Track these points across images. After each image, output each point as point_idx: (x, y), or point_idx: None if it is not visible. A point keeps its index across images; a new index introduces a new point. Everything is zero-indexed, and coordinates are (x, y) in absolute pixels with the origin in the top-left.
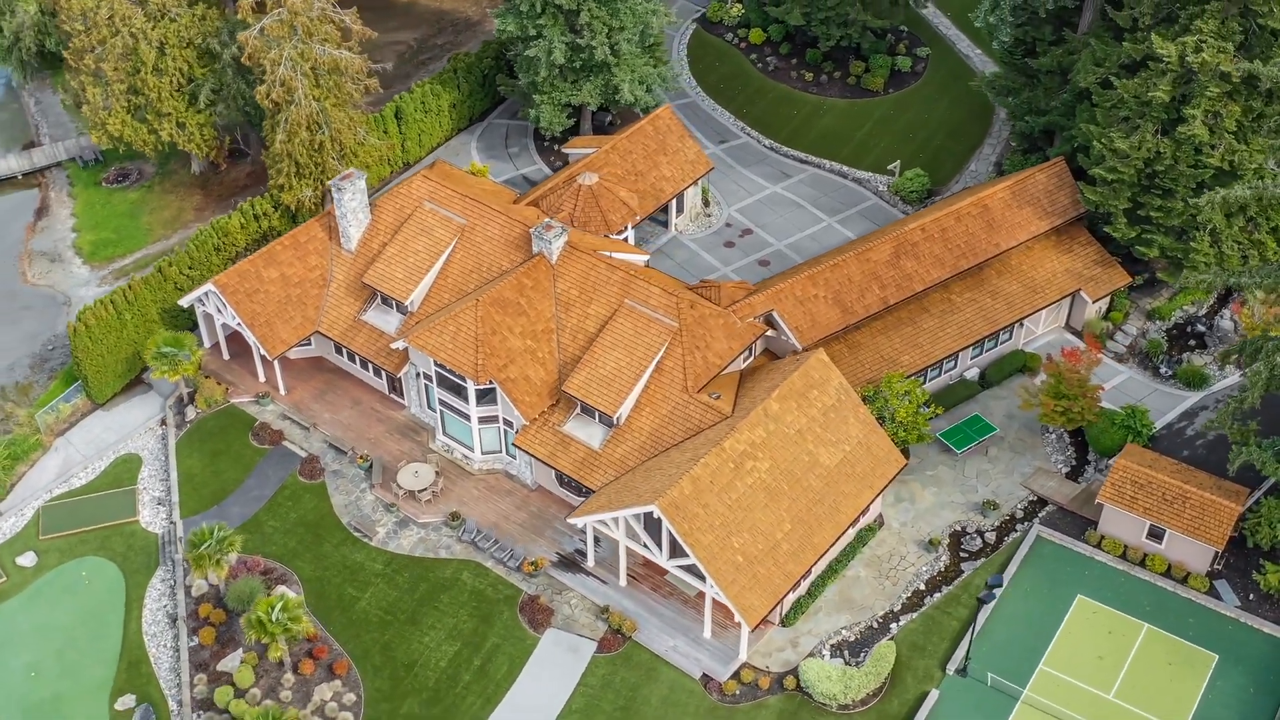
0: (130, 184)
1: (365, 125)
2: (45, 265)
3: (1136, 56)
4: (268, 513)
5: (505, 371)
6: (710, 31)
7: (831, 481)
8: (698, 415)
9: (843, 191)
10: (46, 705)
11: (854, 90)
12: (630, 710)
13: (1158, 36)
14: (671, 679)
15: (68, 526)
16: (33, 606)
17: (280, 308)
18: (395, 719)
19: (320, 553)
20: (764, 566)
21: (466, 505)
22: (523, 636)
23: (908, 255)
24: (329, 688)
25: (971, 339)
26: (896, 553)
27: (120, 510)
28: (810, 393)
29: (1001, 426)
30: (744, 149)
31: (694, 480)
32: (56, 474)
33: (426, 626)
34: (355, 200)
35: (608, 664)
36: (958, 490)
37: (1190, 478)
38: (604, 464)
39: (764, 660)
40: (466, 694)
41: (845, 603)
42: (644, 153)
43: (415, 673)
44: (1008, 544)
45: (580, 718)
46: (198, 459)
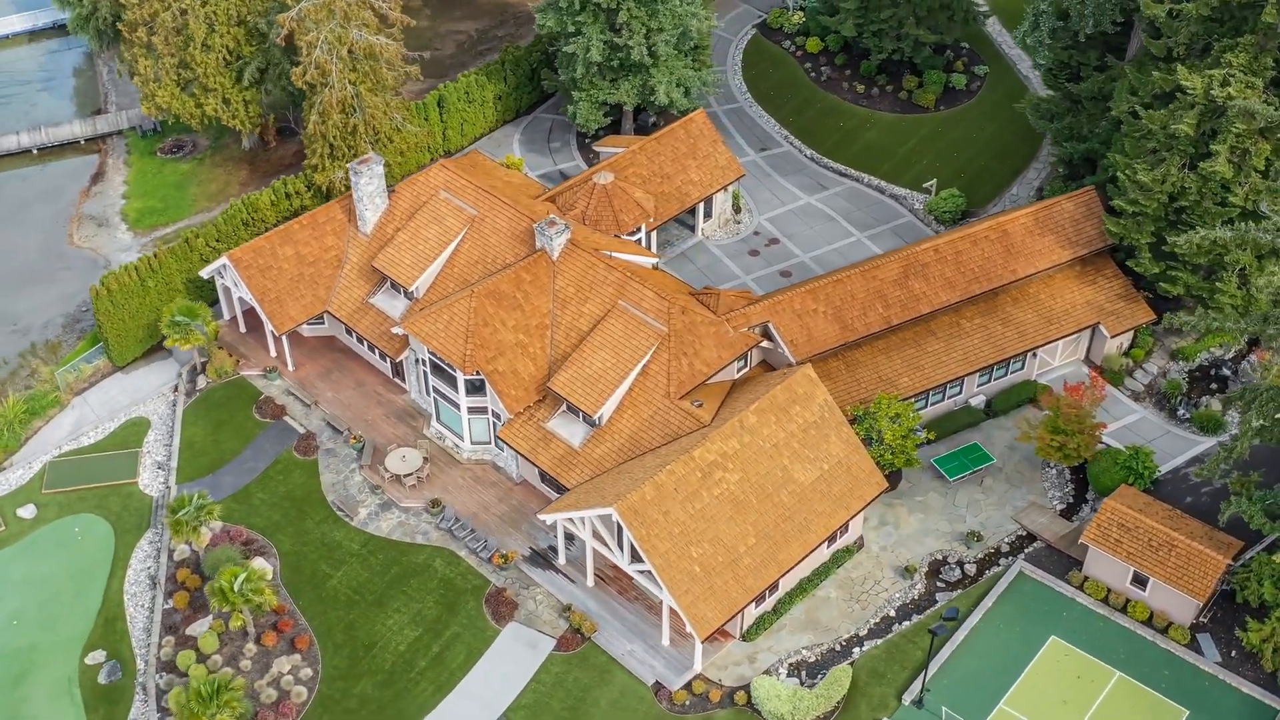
0: (184, 155)
1: (403, 112)
2: (92, 229)
3: (1167, 88)
4: (258, 485)
5: (493, 364)
6: (769, 38)
7: (804, 499)
8: (677, 422)
9: (878, 207)
10: (22, 654)
11: (904, 105)
12: (578, 711)
13: (1183, 68)
14: (624, 683)
15: (70, 483)
16: (25, 557)
17: (292, 285)
18: (348, 698)
19: (301, 528)
20: (722, 579)
21: (450, 493)
22: (484, 628)
23: (916, 276)
24: (288, 661)
25: (977, 366)
26: (871, 576)
27: (122, 471)
28: (792, 407)
29: (1002, 457)
30: (784, 158)
31: (657, 486)
32: (69, 431)
33: (392, 609)
34: (372, 185)
35: (563, 662)
36: (944, 518)
37: (1181, 525)
38: (582, 463)
39: (719, 673)
40: (421, 679)
41: (810, 623)
42: (673, 155)
43: (374, 654)
44: (988, 577)
45: (527, 714)
46: (201, 427)
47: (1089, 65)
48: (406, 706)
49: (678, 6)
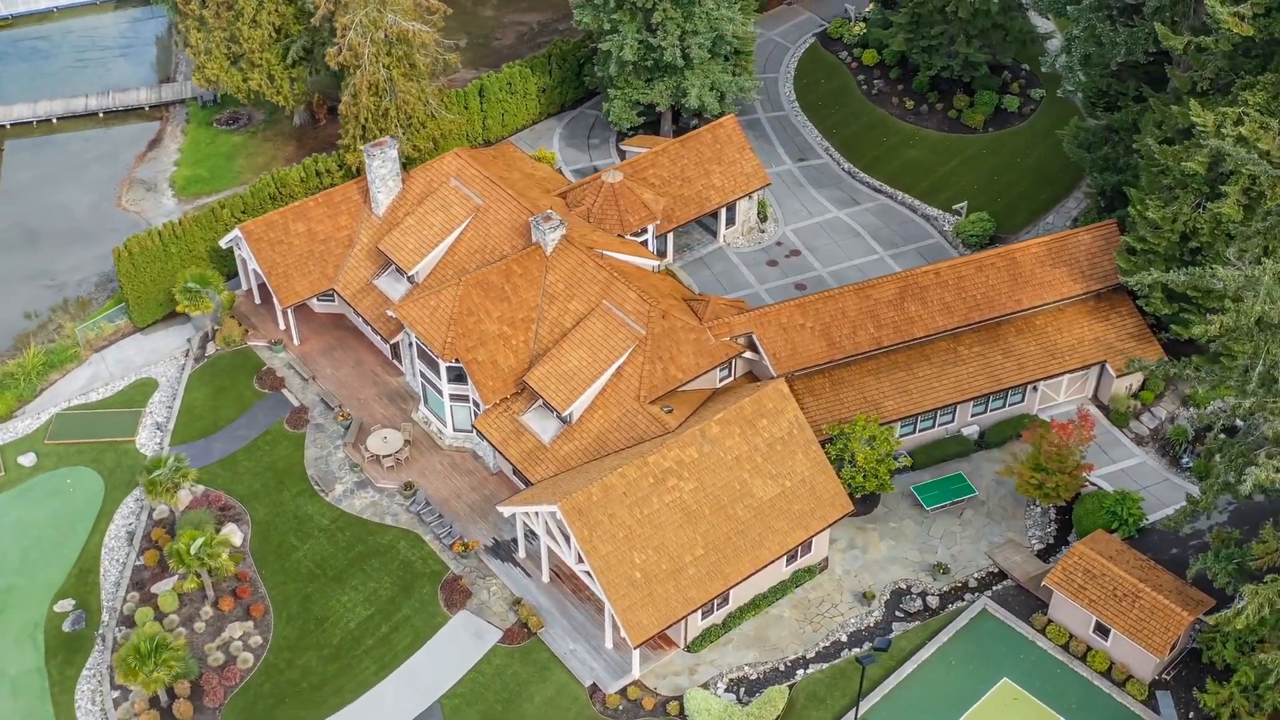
0: (238, 128)
1: (439, 99)
2: (140, 193)
3: (1185, 123)
4: (245, 453)
5: (473, 353)
6: (827, 48)
7: (761, 514)
8: (643, 425)
9: (907, 226)
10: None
11: (952, 124)
12: (511, 705)
13: (1195, 103)
14: (561, 682)
15: (72, 435)
16: (18, 504)
17: (301, 261)
18: (291, 668)
19: (278, 499)
20: (664, 587)
21: (426, 477)
22: (435, 614)
23: (914, 298)
24: (241, 627)
25: (969, 395)
26: (829, 599)
27: (122, 429)
28: (759, 421)
29: (987, 491)
30: (820, 170)
31: (605, 488)
32: (83, 386)
33: (349, 587)
34: (385, 168)
35: (506, 655)
36: (915, 547)
37: (1151, 576)
38: (549, 459)
39: (656, 681)
40: (365, 658)
41: (759, 640)
42: (696, 159)
43: (324, 628)
44: (950, 611)
45: (461, 702)
46: (203, 392)
47: (1127, 95)
48: (346, 683)
49: (713, 10)
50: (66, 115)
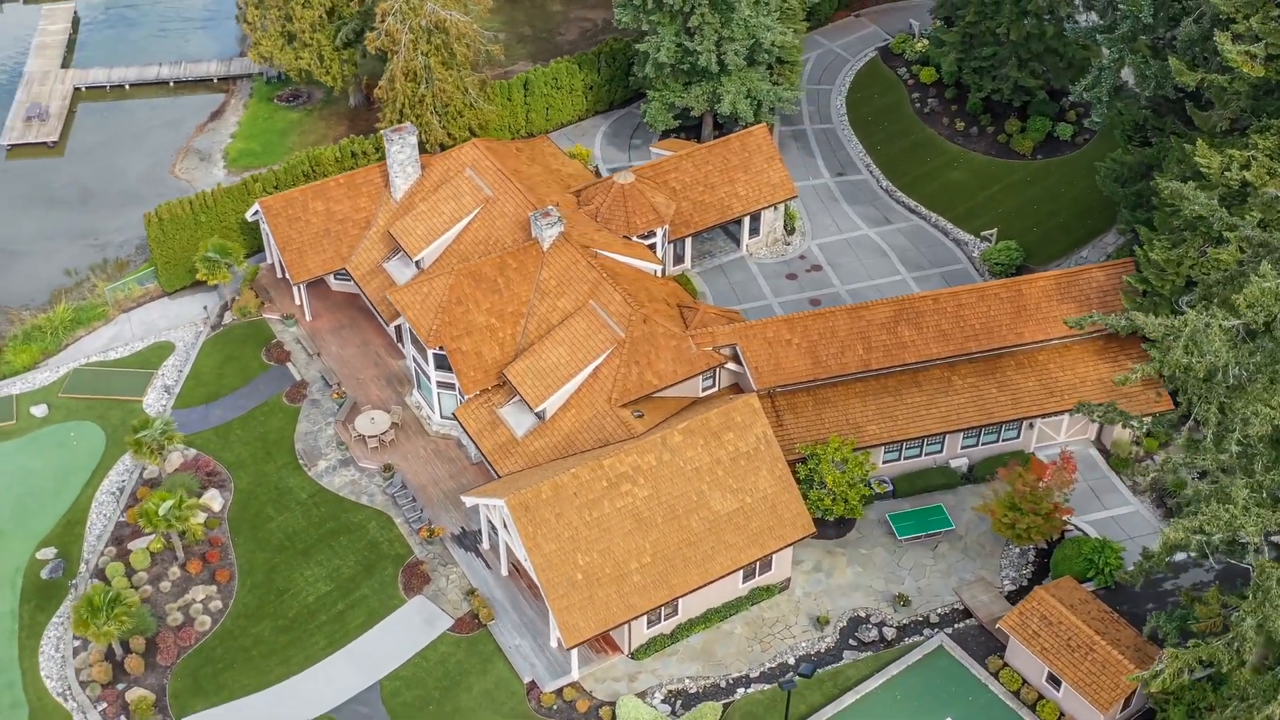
0: (297, 105)
1: (479, 89)
2: (194, 162)
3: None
4: (241, 422)
5: (458, 342)
6: (887, 63)
7: (715, 528)
8: (610, 428)
9: (937, 249)
10: None
11: (1000, 148)
12: (449, 693)
13: (1203, 144)
14: (501, 675)
15: (85, 391)
16: (22, 452)
17: (316, 239)
18: (244, 636)
19: (262, 470)
20: (605, 591)
21: (407, 461)
22: (392, 596)
23: (908, 323)
24: (204, 590)
25: (957, 426)
26: (784, 620)
27: (133, 388)
28: (725, 434)
29: (967, 526)
30: (858, 186)
31: (556, 487)
32: (105, 344)
33: (314, 561)
34: (404, 153)
35: (453, 644)
36: (882, 576)
37: (1110, 630)
38: (520, 453)
39: (595, 684)
40: (317, 632)
41: (705, 654)
42: (722, 167)
43: (283, 600)
44: (906, 645)
45: (401, 684)
46: (212, 360)
47: (1163, 131)
48: (294, 655)
49: (751, 18)
50: (139, 82)
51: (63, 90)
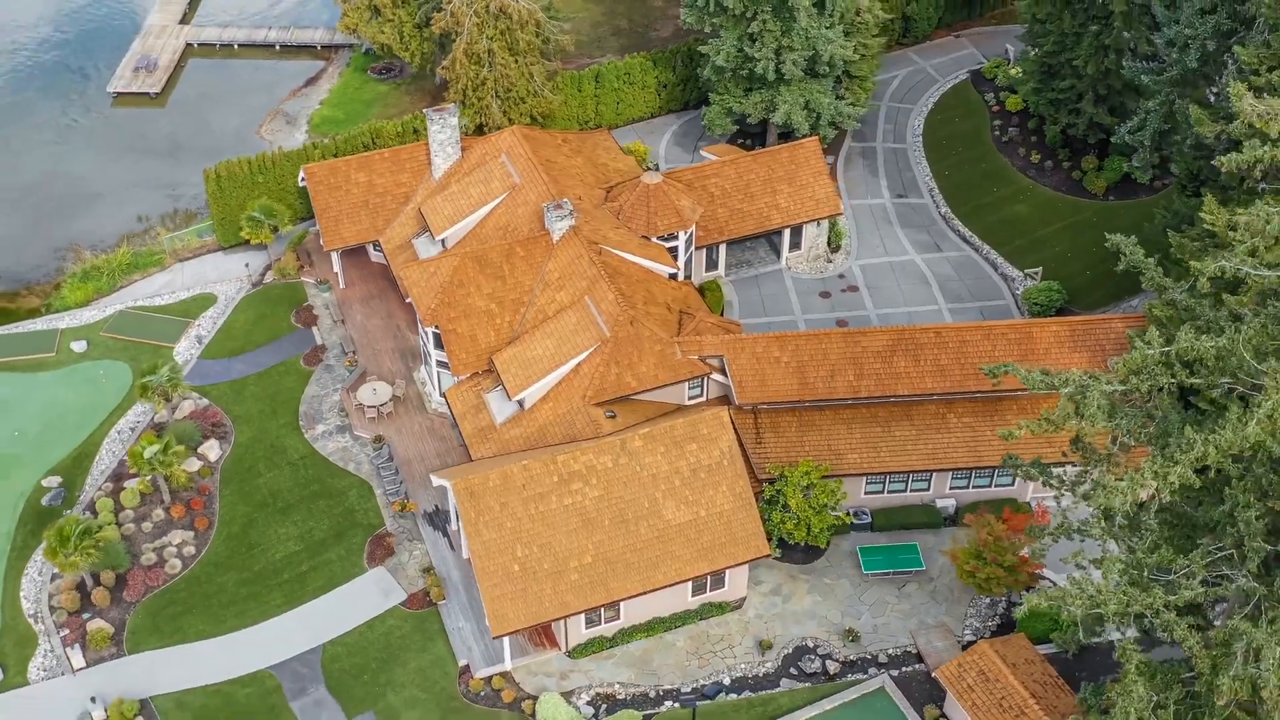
0: (388, 78)
1: (545, 77)
2: (280, 125)
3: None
4: (256, 379)
5: (455, 324)
6: (977, 87)
7: (664, 538)
8: (580, 425)
9: (982, 282)
10: (4, 461)
11: (1072, 185)
12: (386, 664)
13: (1210, 198)
14: (439, 655)
15: (124, 332)
16: (55, 384)
17: (354, 209)
18: (208, 583)
19: (264, 427)
20: (539, 586)
21: (400, 435)
22: (355, 564)
23: (906, 354)
24: (181, 535)
25: (944, 465)
26: (728, 639)
27: (168, 335)
28: (688, 444)
29: (941, 569)
30: (916, 210)
31: (504, 476)
32: (155, 290)
33: (290, 521)
34: (444, 134)
35: (401, 618)
36: (839, 609)
37: (1049, 695)
38: (495, 440)
39: (525, 677)
40: (275, 590)
41: (641, 662)
42: (766, 177)
43: (253, 553)
44: (847, 681)
45: (343, 650)
46: (245, 316)
47: (1215, 182)
48: (251, 608)
49: (811, 28)
50: (248, 43)
51: (175, 45)
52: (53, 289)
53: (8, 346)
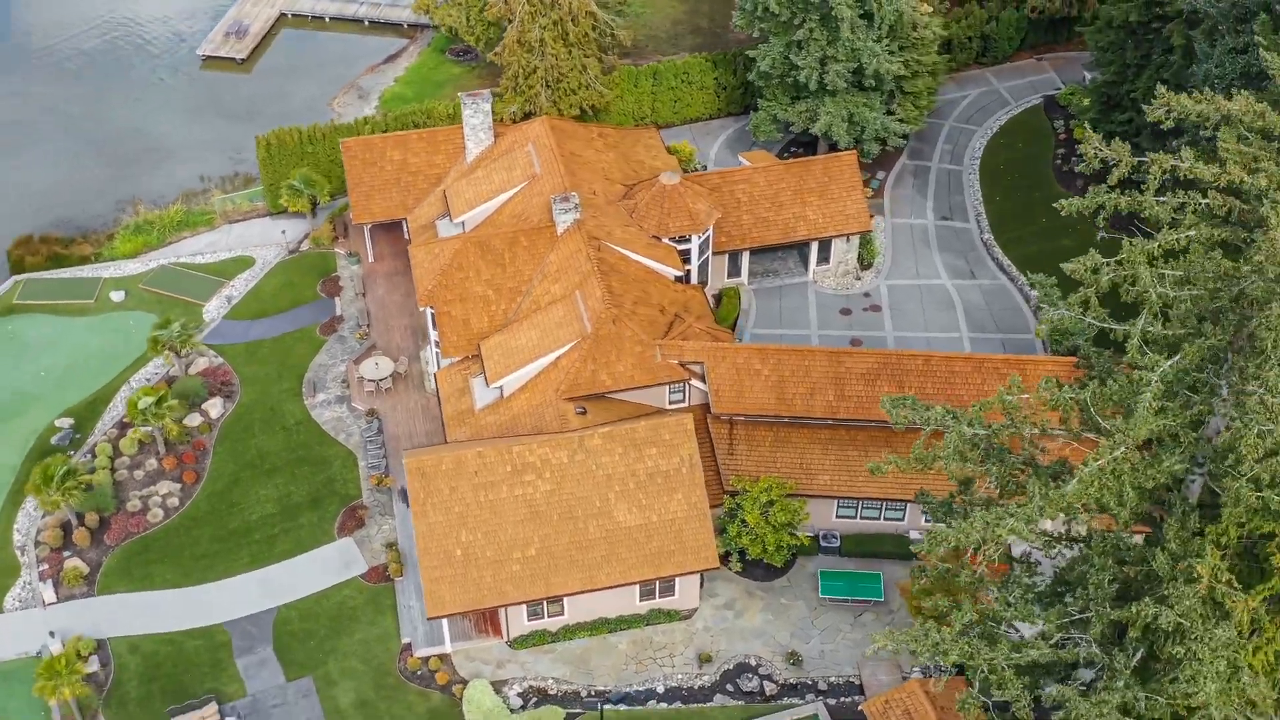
0: (464, 61)
1: (599, 70)
2: (351, 98)
3: None
4: (272, 343)
5: (449, 306)
6: (1050, 113)
7: (611, 539)
8: (548, 418)
9: (1010, 314)
10: (25, 399)
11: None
12: (333, 634)
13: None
14: (386, 630)
15: (162, 287)
16: (88, 330)
17: (385, 186)
18: (185, 536)
19: (269, 390)
20: (479, 573)
21: (394, 412)
22: (325, 532)
23: (890, 379)
24: (169, 486)
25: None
26: (671, 648)
27: (201, 293)
28: (648, 448)
29: (903, 602)
30: (958, 234)
31: (457, 461)
32: (200, 248)
33: (272, 483)
34: (476, 119)
35: (357, 590)
36: (789, 630)
37: None
38: (472, 424)
39: (464, 661)
40: (243, 550)
41: (580, 660)
42: (796, 187)
43: (231, 511)
44: (782, 704)
45: (295, 615)
46: (275, 281)
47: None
48: (218, 565)
49: (854, 40)
50: (339, 17)
51: (269, 14)
52: (106, 239)
53: (52, 290)
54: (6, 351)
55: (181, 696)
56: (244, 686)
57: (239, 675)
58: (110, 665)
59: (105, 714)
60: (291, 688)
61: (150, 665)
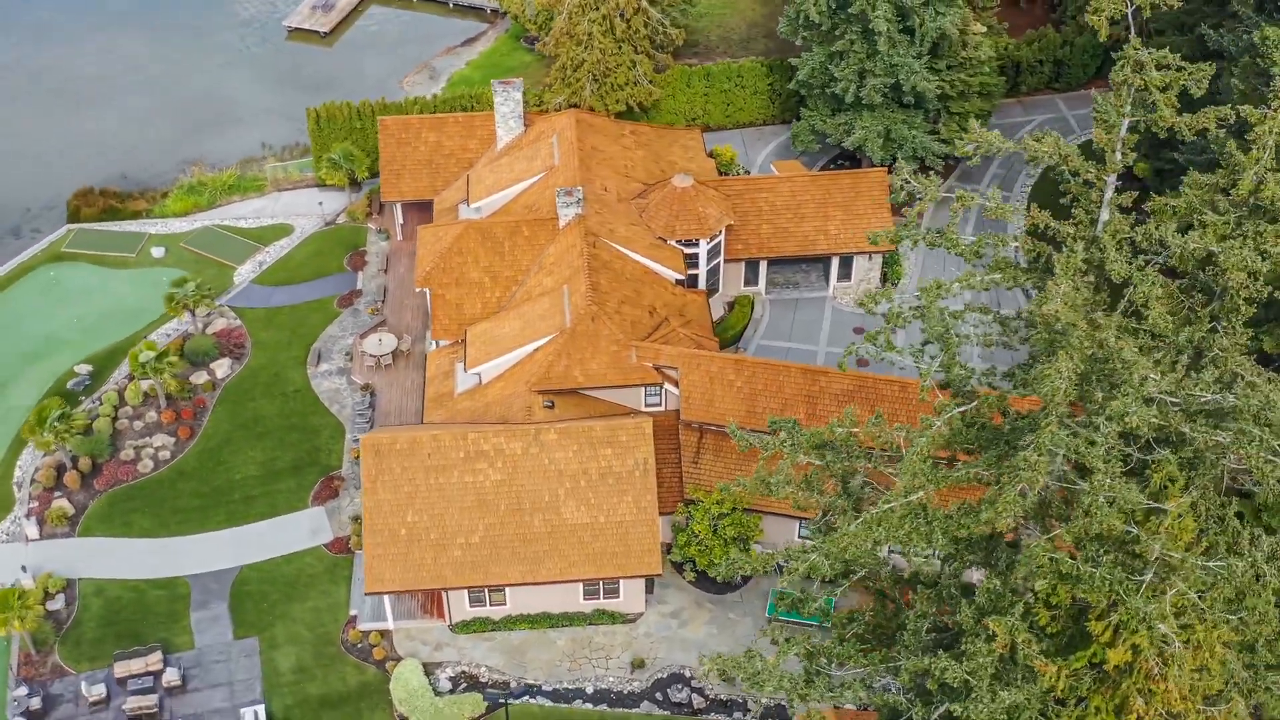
0: (536, 49)
1: (648, 68)
2: (423, 79)
3: None
4: (289, 311)
5: (445, 289)
6: None
7: (556, 535)
8: (516, 409)
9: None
10: (54, 342)
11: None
12: (285, 599)
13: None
14: (337, 601)
15: (201, 247)
16: (125, 283)
17: (417, 166)
18: (169, 489)
19: (277, 357)
20: (421, 554)
21: (390, 387)
22: (301, 499)
23: (863, 402)
24: (163, 439)
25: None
26: (608, 649)
27: (237, 256)
28: (603, 449)
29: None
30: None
31: (413, 442)
32: (246, 213)
33: (261, 446)
34: (506, 107)
35: (318, 559)
36: (731, 645)
37: None
38: (448, 407)
39: (404, 640)
40: (221, 508)
41: (516, 651)
42: (821, 200)
43: (216, 470)
44: (707, 719)
45: (254, 575)
46: (306, 251)
47: None
48: (193, 519)
49: (891, 55)
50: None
51: None
52: (160, 197)
53: (99, 242)
54: (47, 297)
55: (134, 642)
56: (193, 639)
57: (190, 628)
58: (75, 605)
59: (60, 650)
60: (237, 646)
61: (111, 609)
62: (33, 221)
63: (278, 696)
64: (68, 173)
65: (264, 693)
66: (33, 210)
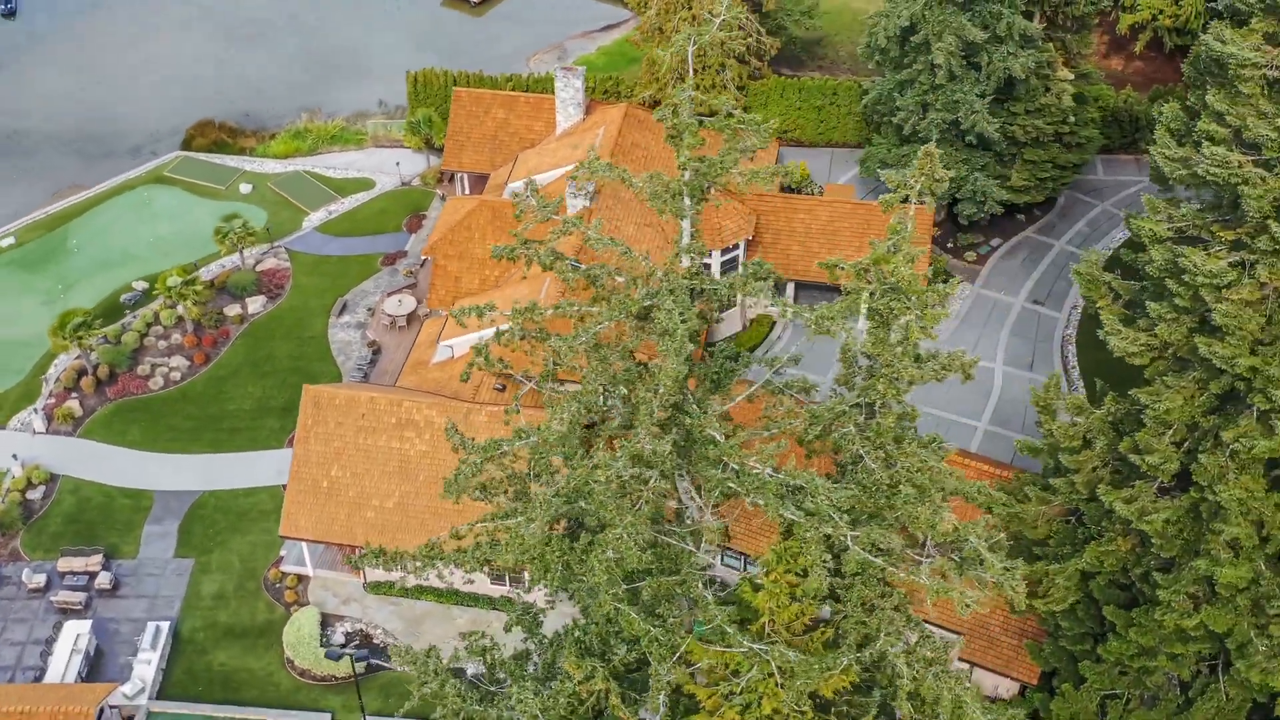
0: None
1: (738, 73)
2: (550, 58)
3: None
4: (337, 261)
5: (447, 261)
6: None
7: (466, 515)
8: (466, 386)
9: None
10: (127, 257)
11: None
12: (229, 529)
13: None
14: (273, 540)
15: (286, 190)
16: (208, 212)
17: (482, 140)
18: (168, 409)
19: (309, 302)
20: (337, 510)
21: (397, 348)
22: (278, 439)
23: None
24: (179, 361)
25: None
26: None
27: (314, 203)
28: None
29: None
30: (1041, 320)
31: (349, 400)
32: (338, 164)
33: (263, 383)
34: (566, 93)
35: (272, 497)
36: None
37: None
38: (421, 375)
39: (320, 589)
40: (208, 433)
41: (415, 621)
42: (857, 229)
43: (216, 398)
44: None
45: (210, 500)
46: (373, 207)
47: None
48: (180, 440)
49: (957, 92)
50: None
51: None
52: (269, 138)
53: (198, 171)
54: (137, 214)
55: (88, 542)
56: (138, 549)
57: (140, 539)
58: (50, 499)
59: (23, 537)
60: (173, 564)
61: (80, 508)
62: (153, 144)
63: (190, 618)
64: (200, 103)
65: (180, 611)
66: (158, 133)
